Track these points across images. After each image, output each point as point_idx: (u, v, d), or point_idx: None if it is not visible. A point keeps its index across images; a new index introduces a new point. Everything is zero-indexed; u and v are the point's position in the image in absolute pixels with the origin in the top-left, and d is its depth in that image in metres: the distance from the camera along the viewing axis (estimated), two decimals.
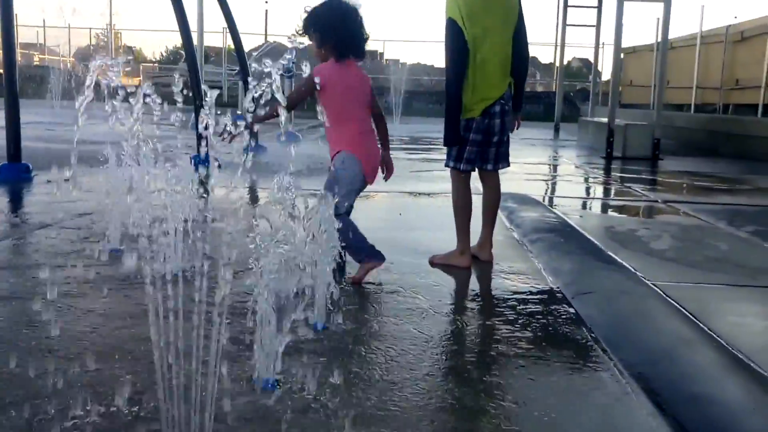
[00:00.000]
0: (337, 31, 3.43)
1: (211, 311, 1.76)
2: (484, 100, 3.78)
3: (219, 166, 1.69)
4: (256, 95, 1.78)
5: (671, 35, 11.85)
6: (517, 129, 4.10)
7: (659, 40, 12.06)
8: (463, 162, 3.87)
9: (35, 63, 29.22)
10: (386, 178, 3.69)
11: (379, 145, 3.64)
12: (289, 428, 1.92)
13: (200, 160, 1.83)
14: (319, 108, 3.18)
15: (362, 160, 3.46)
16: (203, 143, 1.72)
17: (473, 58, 3.71)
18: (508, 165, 4.02)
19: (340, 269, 3.22)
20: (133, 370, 2.25)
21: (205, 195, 1.82)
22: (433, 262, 3.90)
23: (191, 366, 1.73)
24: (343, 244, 2.86)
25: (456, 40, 3.70)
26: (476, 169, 3.96)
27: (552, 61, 25.94)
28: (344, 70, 3.45)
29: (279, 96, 1.79)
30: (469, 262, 3.90)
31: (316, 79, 3.24)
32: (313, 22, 3.46)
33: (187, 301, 1.72)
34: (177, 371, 1.72)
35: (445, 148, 3.93)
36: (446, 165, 3.97)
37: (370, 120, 3.58)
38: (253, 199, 5.61)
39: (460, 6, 3.69)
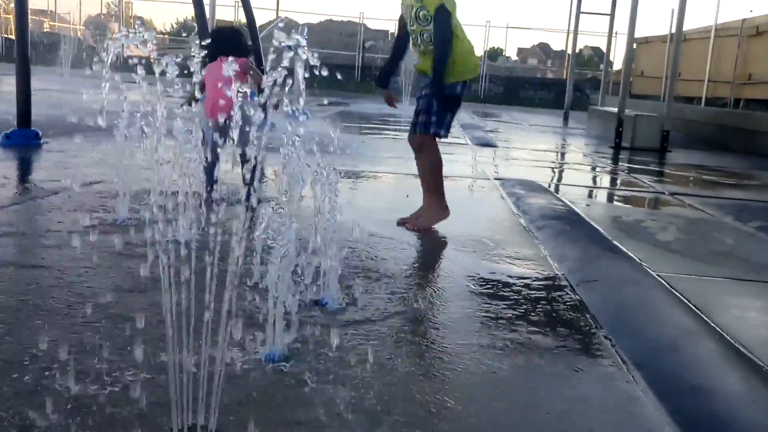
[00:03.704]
0: (211, 44, 4.47)
1: (222, 278, 1.77)
2: (462, 74, 4.21)
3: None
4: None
5: (685, 27, 11.75)
6: None
7: (673, 31, 11.97)
8: (449, 129, 4.33)
9: (45, 29, 29.13)
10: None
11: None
12: None
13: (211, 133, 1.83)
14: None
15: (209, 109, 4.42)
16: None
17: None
18: None
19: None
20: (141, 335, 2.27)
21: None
22: (429, 228, 4.24)
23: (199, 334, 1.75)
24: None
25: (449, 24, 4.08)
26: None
27: (563, 49, 25.78)
28: (214, 65, 4.46)
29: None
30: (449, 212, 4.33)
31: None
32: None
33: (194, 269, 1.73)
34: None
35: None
36: (437, 134, 4.25)
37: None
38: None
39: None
